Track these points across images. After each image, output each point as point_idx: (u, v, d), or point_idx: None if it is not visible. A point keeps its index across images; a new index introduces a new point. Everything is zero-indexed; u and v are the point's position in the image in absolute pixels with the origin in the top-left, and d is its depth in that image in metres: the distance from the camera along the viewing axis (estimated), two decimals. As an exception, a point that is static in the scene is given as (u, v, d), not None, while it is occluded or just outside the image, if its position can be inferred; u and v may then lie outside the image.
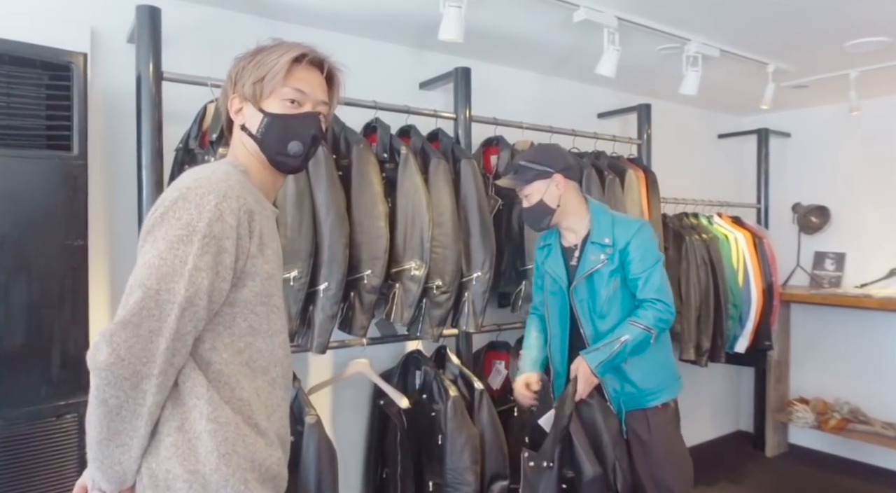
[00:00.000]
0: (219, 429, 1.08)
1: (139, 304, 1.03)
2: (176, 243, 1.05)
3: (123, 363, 1.01)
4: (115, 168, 2.14)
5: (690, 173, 4.00)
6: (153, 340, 1.03)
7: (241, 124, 1.27)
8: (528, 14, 2.44)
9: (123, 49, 2.12)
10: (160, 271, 1.04)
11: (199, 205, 1.07)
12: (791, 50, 2.95)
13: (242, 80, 1.25)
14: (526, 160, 2.18)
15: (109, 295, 2.14)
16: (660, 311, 2.10)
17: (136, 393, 1.03)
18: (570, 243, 2.26)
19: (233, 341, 1.14)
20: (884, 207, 3.78)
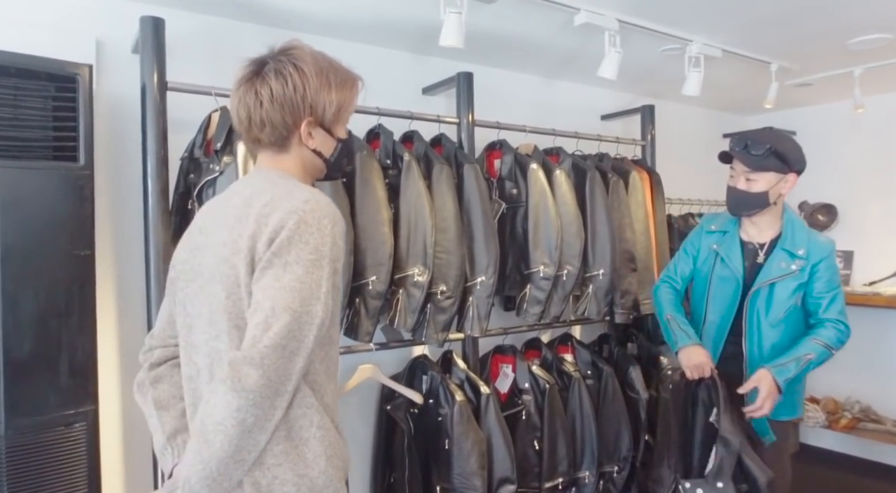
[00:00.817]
0: (325, 435, 1.15)
1: (288, 327, 1.06)
2: (311, 267, 1.10)
3: (271, 384, 1.05)
4: (121, 177, 2.16)
5: (695, 174, 3.99)
6: (293, 359, 1.07)
7: (314, 149, 1.30)
8: (529, 18, 2.44)
9: (128, 59, 2.14)
10: (301, 294, 1.08)
11: (320, 229, 1.13)
12: (793, 49, 2.94)
13: (321, 106, 1.27)
14: (770, 146, 2.04)
15: (116, 304, 2.16)
16: (841, 332, 2.08)
17: (273, 410, 1.07)
18: (752, 239, 2.20)
19: (322, 350, 1.19)
20: (890, 205, 3.76)
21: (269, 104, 1.24)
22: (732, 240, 2.22)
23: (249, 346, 1.06)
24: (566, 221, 2.61)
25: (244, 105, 1.27)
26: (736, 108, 4.21)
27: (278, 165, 1.30)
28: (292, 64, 1.26)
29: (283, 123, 1.26)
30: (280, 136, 1.27)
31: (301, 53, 1.28)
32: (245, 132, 1.30)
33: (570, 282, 2.62)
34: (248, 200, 1.21)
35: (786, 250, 2.12)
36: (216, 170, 1.99)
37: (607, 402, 2.80)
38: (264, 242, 1.13)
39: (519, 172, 2.66)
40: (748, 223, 2.20)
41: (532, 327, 2.83)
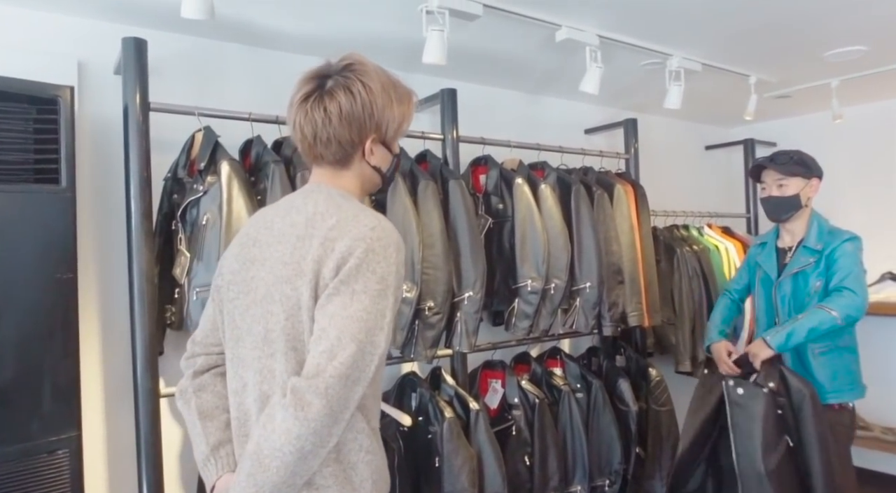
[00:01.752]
0: (373, 459, 1.16)
1: (353, 357, 1.07)
2: (377, 298, 1.10)
3: (333, 413, 1.05)
4: (104, 199, 2.15)
5: (679, 185, 4.03)
6: (354, 389, 1.08)
7: (374, 165, 1.30)
8: (511, 35, 2.47)
9: (110, 81, 2.13)
10: (367, 324, 1.08)
11: (386, 258, 1.13)
12: (771, 61, 2.99)
13: (385, 123, 1.27)
14: (792, 157, 2.42)
15: (100, 328, 2.13)
16: (847, 297, 2.22)
17: (330, 438, 1.07)
18: (786, 245, 2.51)
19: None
20: (871, 213, 3.81)
21: (337, 121, 1.23)
22: (770, 249, 2.56)
23: (314, 374, 1.06)
24: (552, 234, 2.62)
25: (310, 122, 1.24)
26: (717, 120, 4.27)
27: (338, 182, 1.29)
28: (360, 80, 1.24)
29: (350, 141, 1.25)
30: (345, 153, 1.26)
31: (365, 68, 1.26)
32: (308, 149, 1.28)
33: (557, 295, 2.62)
34: (312, 219, 1.19)
35: (807, 248, 2.40)
36: (200, 190, 1.98)
37: (597, 415, 2.79)
38: (331, 269, 1.12)
39: (504, 187, 2.67)
40: (784, 231, 2.52)
41: (521, 341, 2.83)
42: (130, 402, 1.98)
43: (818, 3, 2.31)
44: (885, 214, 3.78)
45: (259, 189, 2.06)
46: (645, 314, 2.97)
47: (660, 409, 2.97)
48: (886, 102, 3.81)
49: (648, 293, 3.01)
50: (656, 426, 2.97)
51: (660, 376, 3.03)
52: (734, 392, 2.28)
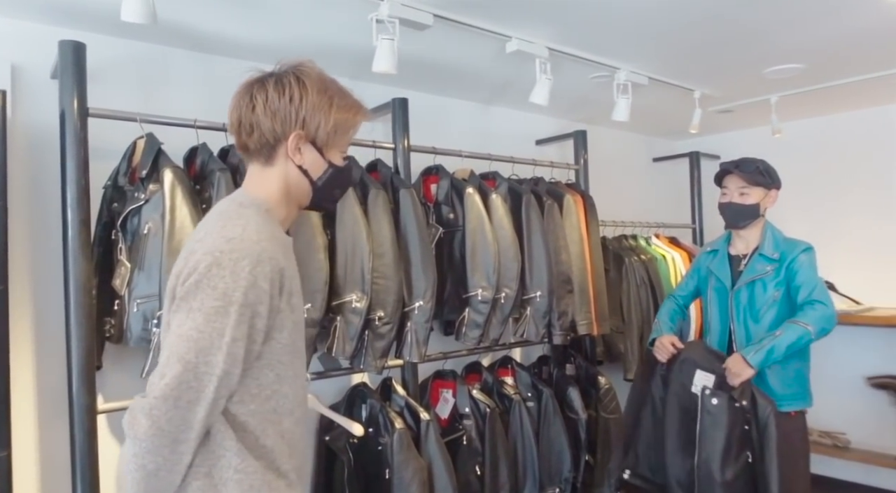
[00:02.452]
0: (245, 478, 1.12)
1: (178, 378, 1.04)
2: (213, 315, 1.06)
3: (163, 433, 1.04)
4: (39, 208, 2.06)
5: (628, 196, 4.12)
6: (192, 410, 1.05)
7: (300, 165, 1.26)
8: (462, 45, 2.48)
9: (47, 85, 2.06)
10: (199, 344, 1.05)
11: (234, 272, 1.08)
12: (715, 77, 3.08)
13: (316, 122, 1.24)
14: (758, 167, 2.44)
15: (33, 342, 2.04)
16: (817, 309, 2.25)
17: (174, 456, 1.06)
18: (738, 252, 2.53)
19: (260, 390, 1.16)
20: (808, 225, 3.95)
21: (261, 109, 1.22)
22: (722, 256, 2.58)
23: (147, 393, 1.06)
24: (503, 244, 2.64)
25: (237, 108, 1.25)
26: (664, 133, 4.38)
27: (260, 184, 1.26)
28: (295, 76, 1.24)
29: (272, 131, 1.22)
30: (267, 143, 1.24)
31: (309, 70, 1.26)
32: (235, 137, 1.28)
33: (508, 305, 2.64)
34: (197, 231, 1.19)
35: (762, 256, 2.43)
36: (142, 198, 1.92)
37: (547, 424, 2.81)
38: (181, 283, 1.11)
39: (455, 196, 2.67)
40: (737, 239, 2.55)
41: (472, 350, 2.83)
42: (65, 419, 1.89)
43: (758, 22, 2.40)
44: (821, 226, 3.94)
45: (204, 198, 2.01)
46: (594, 323, 3.01)
47: (609, 416, 3.01)
48: (822, 118, 3.98)
49: (597, 302, 3.05)
50: (605, 433, 3.00)
51: (609, 384, 3.07)
52: (709, 401, 2.28)
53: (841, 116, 3.91)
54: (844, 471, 3.79)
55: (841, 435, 3.69)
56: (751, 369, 2.25)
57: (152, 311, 1.87)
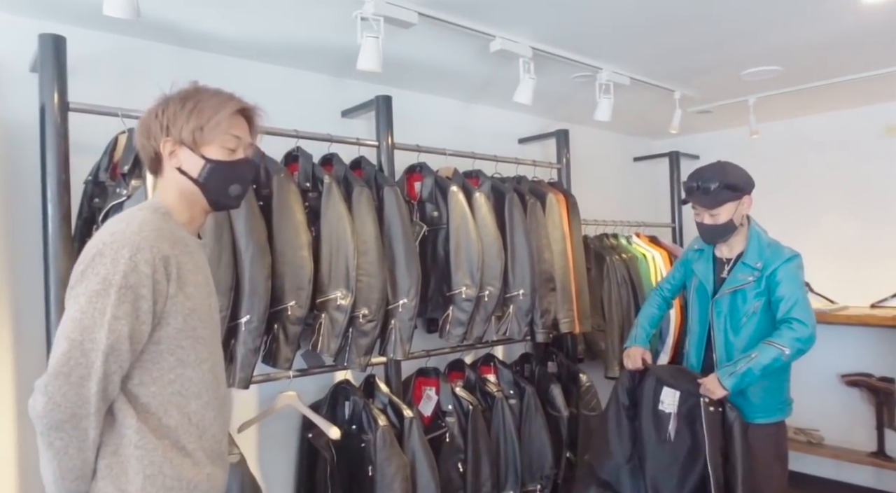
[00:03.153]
0: (145, 455, 1.21)
1: (66, 355, 1.14)
2: (94, 297, 1.16)
3: (60, 409, 1.13)
4: (18, 203, 2.03)
5: (609, 195, 4.15)
6: (84, 385, 1.14)
7: (178, 167, 1.35)
8: (446, 44, 2.49)
9: (26, 78, 2.02)
10: (82, 323, 1.15)
11: (115, 259, 1.18)
12: (694, 78, 3.13)
13: (178, 125, 1.33)
14: (717, 181, 2.27)
15: (12, 338, 2.02)
16: (795, 330, 2.18)
17: (78, 432, 1.15)
18: (723, 256, 2.43)
19: (161, 374, 1.25)
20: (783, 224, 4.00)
21: (138, 132, 1.38)
22: (707, 257, 2.50)
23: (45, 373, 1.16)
24: (487, 242, 2.65)
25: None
26: (645, 132, 4.42)
27: (158, 191, 1.39)
28: (161, 98, 1.37)
29: (148, 145, 1.36)
30: (150, 157, 1.37)
31: (176, 90, 1.38)
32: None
33: (491, 303, 2.65)
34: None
35: (745, 264, 2.34)
36: (123, 194, 1.90)
37: (529, 421, 2.83)
38: (71, 278, 1.23)
39: (439, 194, 2.68)
40: (721, 244, 2.44)
41: (455, 348, 2.84)
42: (44, 417, 1.87)
43: (737, 24, 2.43)
44: (795, 225, 4.00)
45: (187, 194, 1.99)
46: (576, 321, 3.04)
47: (589, 414, 3.04)
48: (799, 120, 4.05)
49: (579, 301, 3.08)
50: (586, 430, 3.03)
51: (590, 382, 3.11)
52: (708, 410, 2.26)
53: (817, 117, 3.98)
54: (817, 467, 3.86)
55: (814, 432, 3.76)
56: (724, 391, 2.22)
57: (134, 307, 1.85)
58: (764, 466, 2.30)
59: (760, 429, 2.31)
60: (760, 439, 2.30)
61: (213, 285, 1.44)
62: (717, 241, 2.41)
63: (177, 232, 1.32)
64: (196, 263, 1.34)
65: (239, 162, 1.38)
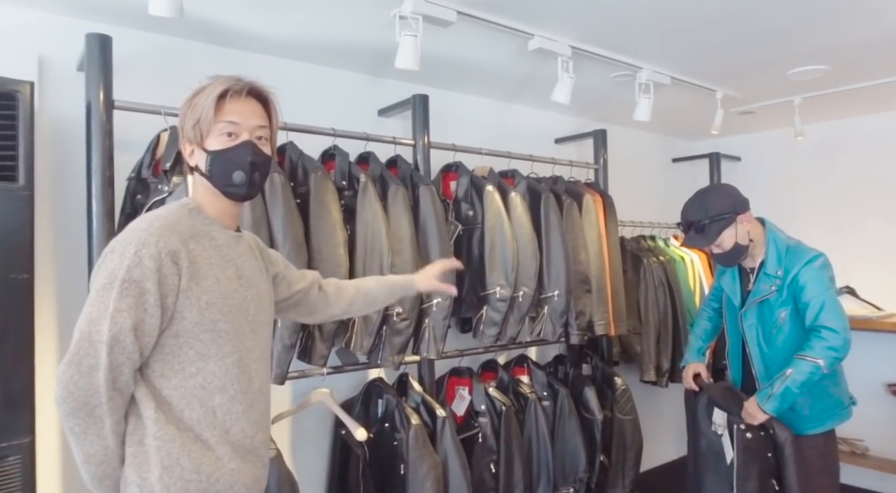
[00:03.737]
0: (163, 445, 1.22)
1: (76, 345, 1.17)
2: (101, 291, 1.19)
3: (73, 397, 1.16)
4: (64, 198, 2.09)
5: (646, 196, 4.09)
6: (93, 374, 1.16)
7: (195, 165, 1.36)
8: (484, 43, 2.48)
9: (73, 77, 2.08)
10: (90, 315, 1.19)
11: (122, 255, 1.21)
12: (738, 78, 3.05)
13: (185, 124, 1.35)
14: (706, 216, 2.25)
15: (57, 331, 2.07)
16: (825, 338, 2.10)
17: (94, 420, 1.18)
18: (748, 266, 2.39)
19: (182, 367, 1.26)
20: (829, 228, 3.92)
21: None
22: (734, 269, 2.45)
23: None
24: (522, 242, 2.63)
25: None
26: (684, 133, 4.34)
27: (192, 189, 1.41)
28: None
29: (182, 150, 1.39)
30: (185, 160, 1.40)
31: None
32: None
33: (525, 303, 2.63)
34: None
35: (766, 274, 2.28)
36: (165, 190, 1.94)
37: (563, 423, 2.80)
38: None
39: (475, 193, 2.67)
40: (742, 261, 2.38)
41: (488, 348, 2.83)
42: (87, 407, 1.91)
43: (784, 23, 2.37)
44: (841, 229, 3.89)
45: (226, 191, 2.02)
46: (611, 323, 3.00)
47: (624, 418, 3.00)
48: (846, 121, 3.93)
49: (615, 303, 3.04)
50: (620, 434, 2.99)
51: (625, 386, 3.06)
52: (744, 437, 2.22)
53: (864, 118, 3.85)
54: (860, 478, 3.75)
55: (858, 442, 3.65)
56: (764, 416, 2.17)
57: (174, 302, 1.88)
58: (808, 478, 2.23)
59: (806, 441, 2.24)
60: (805, 451, 2.23)
61: (255, 277, 1.42)
62: (735, 263, 2.37)
63: (201, 226, 1.32)
64: (224, 256, 1.34)
65: (235, 147, 1.33)
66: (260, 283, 1.44)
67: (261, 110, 1.38)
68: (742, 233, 2.27)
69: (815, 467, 2.24)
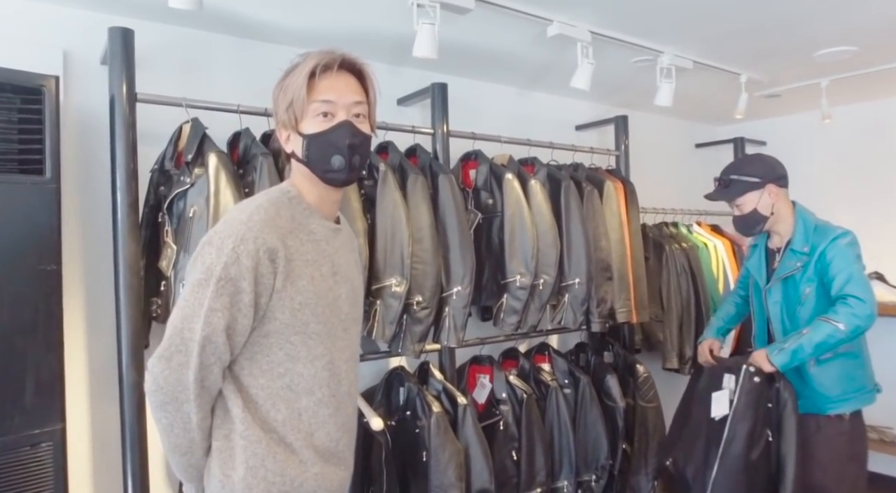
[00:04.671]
0: (248, 445, 1.21)
1: (168, 341, 1.17)
2: (196, 287, 1.16)
3: (163, 391, 1.17)
4: (90, 191, 2.13)
5: (669, 183, 4.04)
6: (183, 371, 1.16)
7: (292, 151, 1.31)
8: (502, 30, 2.46)
9: (97, 71, 2.11)
10: (184, 312, 1.17)
11: (220, 249, 1.17)
12: (762, 60, 3.00)
13: (278, 109, 1.30)
14: (736, 174, 2.33)
15: (85, 320, 2.12)
16: (851, 306, 2.07)
17: (181, 414, 1.18)
18: (775, 246, 2.41)
19: (271, 367, 1.24)
20: (857, 213, 3.83)
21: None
22: (760, 251, 2.48)
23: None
24: (542, 230, 2.62)
25: None
26: (707, 118, 4.28)
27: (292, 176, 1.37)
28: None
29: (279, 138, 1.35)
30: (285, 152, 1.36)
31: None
32: None
33: (546, 291, 2.62)
34: None
35: (793, 251, 2.30)
36: (187, 182, 1.96)
37: (584, 411, 2.80)
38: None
39: (494, 182, 2.66)
40: (772, 234, 2.42)
41: (509, 336, 2.83)
42: (116, 395, 1.96)
43: (809, 4, 2.32)
44: (870, 214, 3.81)
45: (247, 182, 2.04)
46: (633, 311, 2.98)
47: (647, 405, 2.99)
48: (875, 103, 3.84)
49: (637, 290, 3.02)
50: (643, 422, 2.98)
51: (647, 373, 3.04)
52: (751, 379, 2.19)
53: (893, 100, 3.76)
54: (890, 466, 3.69)
55: (888, 430, 3.59)
56: (770, 366, 2.16)
57: (198, 292, 1.91)
58: (833, 464, 2.20)
59: (832, 424, 2.21)
60: (831, 436, 2.20)
61: (350, 272, 1.37)
62: (750, 232, 2.41)
63: (300, 218, 1.27)
64: (321, 251, 1.29)
65: (332, 130, 1.25)
66: (354, 277, 1.40)
67: (356, 85, 1.30)
68: (765, 203, 2.29)
69: (840, 452, 2.21)
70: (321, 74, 1.25)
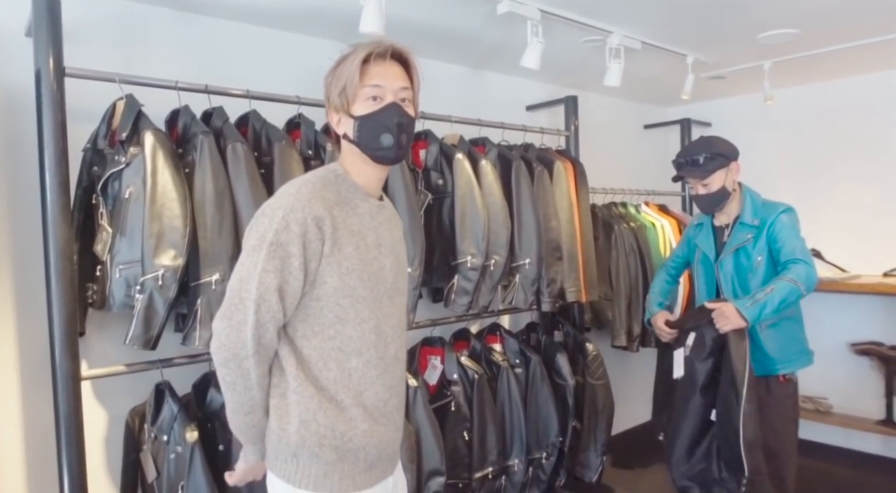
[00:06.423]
0: (301, 401, 1.30)
1: (228, 301, 1.28)
2: (251, 252, 1.28)
3: (225, 348, 1.26)
4: (16, 171, 2.01)
5: (618, 163, 4.09)
6: (242, 329, 1.25)
7: (343, 133, 1.40)
8: (452, 7, 2.42)
9: (21, 44, 1.98)
10: (240, 274, 1.28)
11: (271, 218, 1.28)
12: (708, 42, 3.04)
13: (331, 94, 1.40)
14: (707, 152, 2.40)
15: (14, 307, 2.01)
16: (803, 268, 2.24)
17: (242, 371, 1.27)
18: (721, 223, 2.53)
19: (322, 329, 1.32)
20: (798, 192, 3.95)
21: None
22: (707, 229, 2.59)
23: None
24: (493, 211, 2.61)
25: None
26: (656, 99, 4.33)
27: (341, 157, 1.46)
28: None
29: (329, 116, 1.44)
30: (335, 134, 1.45)
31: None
32: None
33: (497, 272, 2.62)
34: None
35: (743, 224, 2.43)
36: (122, 161, 1.88)
37: (535, 390, 2.83)
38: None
39: (445, 162, 2.64)
40: (718, 213, 2.53)
41: (460, 317, 2.83)
42: (49, 385, 1.87)
43: (753, -15, 2.35)
44: (810, 193, 3.94)
45: (187, 161, 1.97)
46: (583, 290, 3.02)
47: (596, 383, 3.04)
48: (816, 85, 3.95)
49: (586, 270, 3.05)
50: (592, 399, 3.03)
51: (596, 351, 3.09)
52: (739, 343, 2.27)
53: (834, 83, 3.88)
54: (825, 435, 3.87)
55: (823, 400, 3.75)
56: (742, 322, 2.22)
57: (135, 276, 1.84)
58: (784, 426, 2.37)
59: (780, 386, 2.37)
60: (780, 398, 2.37)
61: (395, 246, 1.46)
62: (715, 209, 2.50)
63: (346, 193, 1.37)
64: (365, 224, 1.38)
65: (381, 110, 1.36)
66: (399, 252, 1.49)
67: (402, 72, 1.40)
68: (730, 180, 2.44)
69: (788, 414, 2.40)
70: (373, 62, 1.35)
